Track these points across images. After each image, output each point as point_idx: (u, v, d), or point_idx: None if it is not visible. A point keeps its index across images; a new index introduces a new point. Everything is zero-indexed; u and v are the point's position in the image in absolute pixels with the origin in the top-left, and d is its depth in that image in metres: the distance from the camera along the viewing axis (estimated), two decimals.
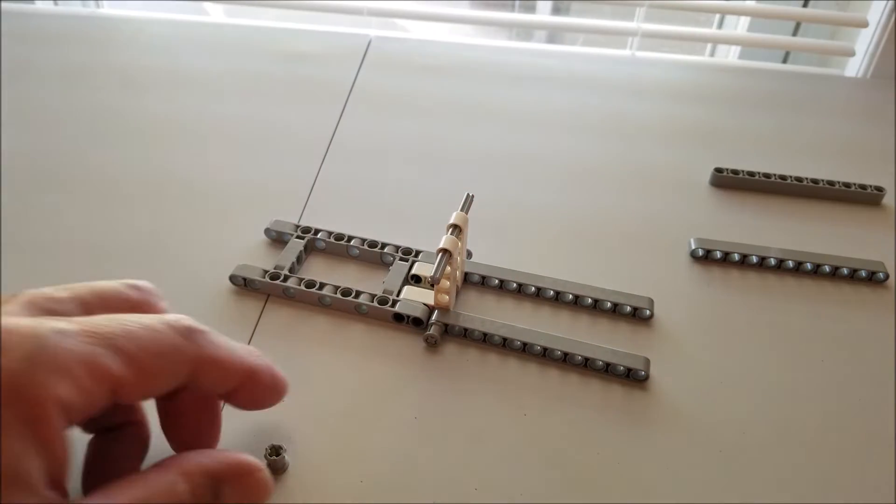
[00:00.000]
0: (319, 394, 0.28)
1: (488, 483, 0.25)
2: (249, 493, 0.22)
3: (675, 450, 0.27)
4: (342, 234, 0.35)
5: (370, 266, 0.35)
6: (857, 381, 0.30)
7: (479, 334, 0.31)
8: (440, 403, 0.28)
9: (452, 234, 0.30)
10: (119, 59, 0.52)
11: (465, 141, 0.45)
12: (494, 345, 0.31)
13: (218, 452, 0.23)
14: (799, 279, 0.35)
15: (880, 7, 0.55)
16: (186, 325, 0.21)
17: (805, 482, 0.26)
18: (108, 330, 0.20)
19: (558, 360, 0.30)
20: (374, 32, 0.57)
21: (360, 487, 0.25)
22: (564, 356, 0.30)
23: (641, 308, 0.32)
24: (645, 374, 0.29)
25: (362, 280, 0.34)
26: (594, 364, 0.30)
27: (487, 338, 0.31)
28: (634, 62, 0.57)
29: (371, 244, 0.35)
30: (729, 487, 0.26)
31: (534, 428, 0.27)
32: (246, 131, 0.44)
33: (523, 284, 0.33)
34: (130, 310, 0.23)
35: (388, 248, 0.35)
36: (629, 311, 0.32)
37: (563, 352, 0.30)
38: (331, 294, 0.32)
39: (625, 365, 0.29)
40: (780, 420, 0.28)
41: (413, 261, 0.34)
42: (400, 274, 0.33)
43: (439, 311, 0.31)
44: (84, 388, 0.19)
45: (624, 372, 0.29)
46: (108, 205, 0.38)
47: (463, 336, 0.31)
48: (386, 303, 0.32)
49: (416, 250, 0.34)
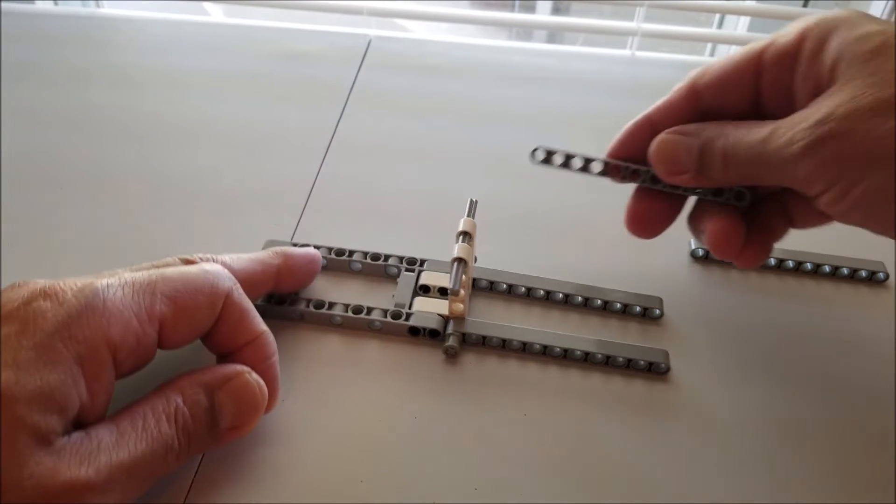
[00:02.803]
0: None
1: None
2: (240, 394, 0.24)
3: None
4: (342, 248, 0.34)
5: (374, 280, 0.34)
6: (857, 381, 0.30)
7: (497, 341, 0.30)
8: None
9: (464, 242, 0.29)
10: (119, 59, 0.52)
11: (466, 141, 0.45)
12: (514, 350, 0.31)
13: (211, 367, 0.25)
14: (799, 279, 0.35)
15: (880, 7, 0.55)
16: (218, 269, 0.25)
17: (804, 482, 0.26)
18: (149, 278, 0.23)
19: (579, 361, 0.30)
20: (374, 32, 0.56)
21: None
22: (585, 356, 0.30)
23: (652, 308, 0.32)
24: (666, 366, 0.30)
25: (368, 294, 0.33)
26: (615, 361, 0.30)
27: (507, 344, 0.30)
28: (634, 62, 0.57)
29: (374, 257, 0.34)
30: (729, 485, 0.26)
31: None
32: (245, 131, 0.44)
33: (532, 288, 0.33)
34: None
35: (392, 259, 0.34)
36: (639, 312, 0.33)
37: (583, 352, 0.30)
38: (341, 313, 0.31)
39: (646, 359, 0.30)
40: (780, 420, 0.29)
41: (419, 270, 0.33)
42: (408, 285, 0.33)
43: (454, 320, 0.31)
44: (132, 328, 0.22)
45: (645, 366, 0.30)
46: (108, 205, 0.38)
47: (481, 344, 0.31)
48: (399, 317, 0.31)
49: (421, 259, 0.34)
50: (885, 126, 0.23)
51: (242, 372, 0.24)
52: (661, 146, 0.28)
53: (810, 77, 0.26)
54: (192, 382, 0.23)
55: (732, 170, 0.27)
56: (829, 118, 0.23)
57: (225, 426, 0.24)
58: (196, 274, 0.24)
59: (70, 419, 0.20)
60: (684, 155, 0.28)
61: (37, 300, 0.21)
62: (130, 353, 0.22)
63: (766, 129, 0.26)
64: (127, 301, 0.22)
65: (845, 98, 0.24)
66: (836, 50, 0.25)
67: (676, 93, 0.29)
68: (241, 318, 0.25)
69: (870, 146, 0.23)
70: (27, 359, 0.19)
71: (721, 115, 0.28)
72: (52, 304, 0.21)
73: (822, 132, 0.23)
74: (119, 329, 0.21)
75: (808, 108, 0.25)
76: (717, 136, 0.27)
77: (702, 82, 0.29)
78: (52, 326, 0.20)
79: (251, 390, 0.24)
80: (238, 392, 0.24)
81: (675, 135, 0.28)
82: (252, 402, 0.24)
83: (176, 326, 0.23)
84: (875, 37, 0.24)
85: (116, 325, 0.21)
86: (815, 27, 0.26)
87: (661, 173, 0.29)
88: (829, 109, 0.24)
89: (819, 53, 0.25)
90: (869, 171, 0.23)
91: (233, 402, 0.24)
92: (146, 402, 0.22)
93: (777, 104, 0.27)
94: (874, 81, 0.23)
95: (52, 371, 0.20)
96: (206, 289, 0.24)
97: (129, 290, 0.22)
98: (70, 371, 0.20)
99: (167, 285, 0.23)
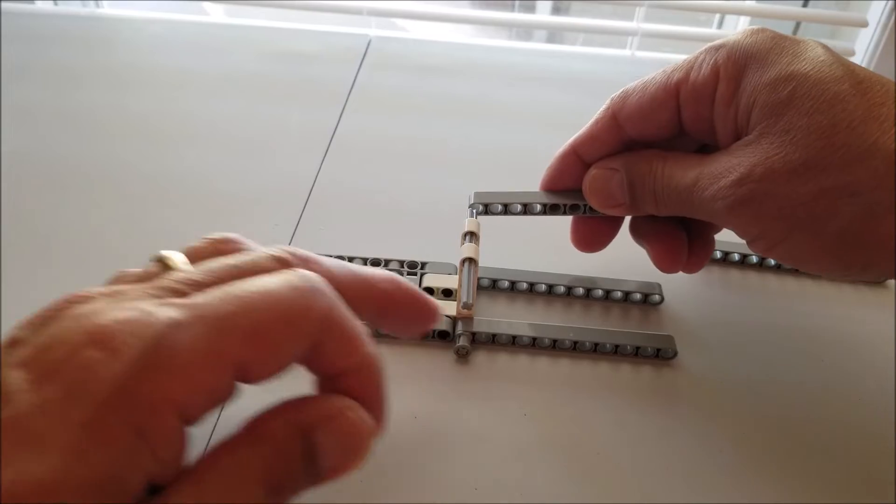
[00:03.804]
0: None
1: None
2: (345, 436, 0.19)
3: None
4: (342, 256, 0.33)
5: None
6: (857, 381, 0.30)
7: (507, 338, 0.30)
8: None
9: (471, 242, 0.29)
10: (119, 59, 0.52)
11: (465, 141, 0.45)
12: (523, 346, 0.31)
13: (308, 399, 0.20)
14: (799, 279, 0.35)
15: (880, 7, 0.55)
16: (312, 284, 0.19)
17: (804, 482, 0.26)
18: (223, 308, 0.18)
19: (588, 352, 0.30)
20: (374, 32, 0.56)
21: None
22: (595, 346, 0.30)
23: (652, 294, 0.33)
24: (673, 351, 0.30)
25: None
26: (624, 350, 0.30)
27: (517, 340, 0.30)
28: (634, 62, 0.57)
29: (374, 262, 0.34)
30: (732, 484, 0.26)
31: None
32: (245, 131, 0.44)
33: (535, 283, 0.33)
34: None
35: (393, 263, 0.34)
36: (640, 299, 0.33)
37: (592, 343, 0.30)
38: None
39: (653, 346, 0.30)
40: (780, 420, 0.28)
41: (421, 273, 0.33)
42: None
43: (463, 320, 0.31)
44: (202, 382, 0.17)
45: (653, 353, 0.30)
46: (108, 205, 0.38)
47: (491, 342, 0.31)
48: None
49: (422, 262, 0.34)
50: (803, 189, 0.23)
51: (346, 409, 0.20)
52: (593, 183, 0.30)
53: (728, 119, 0.26)
54: (286, 424, 0.19)
55: (664, 207, 0.28)
56: (747, 179, 0.24)
57: (325, 468, 0.19)
58: (285, 295, 0.19)
59: (136, 495, 0.17)
60: (616, 189, 0.29)
61: (87, 349, 0.16)
62: (201, 407, 0.18)
63: (692, 175, 0.26)
64: (198, 347, 0.17)
65: (761, 157, 0.24)
66: (748, 97, 0.25)
67: (599, 123, 0.30)
68: (341, 342, 0.20)
69: (790, 210, 0.23)
70: (77, 439, 0.15)
71: (645, 142, 0.29)
72: (104, 356, 0.16)
73: (742, 193, 0.24)
74: (188, 387, 0.17)
75: (728, 157, 0.25)
76: (646, 173, 0.28)
77: (622, 114, 0.29)
78: (106, 391, 0.16)
79: (356, 430, 0.20)
80: (341, 434, 0.20)
81: (605, 170, 0.29)
82: (357, 442, 0.20)
83: (260, 367, 0.19)
84: (785, 84, 0.24)
85: (184, 383, 0.17)
86: (728, 63, 0.26)
87: (596, 206, 0.30)
88: (746, 169, 0.24)
89: (732, 97, 0.25)
90: (791, 232, 0.24)
91: (336, 444, 0.19)
92: (234, 456, 0.18)
93: (700, 132, 0.28)
94: (789, 140, 0.23)
95: (108, 451, 0.16)
96: (296, 315, 0.19)
97: (201, 329, 0.17)
98: (130, 447, 0.16)
99: (249, 319, 0.18)
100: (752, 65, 0.25)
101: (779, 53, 0.25)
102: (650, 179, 0.28)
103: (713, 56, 0.26)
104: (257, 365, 0.18)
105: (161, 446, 0.17)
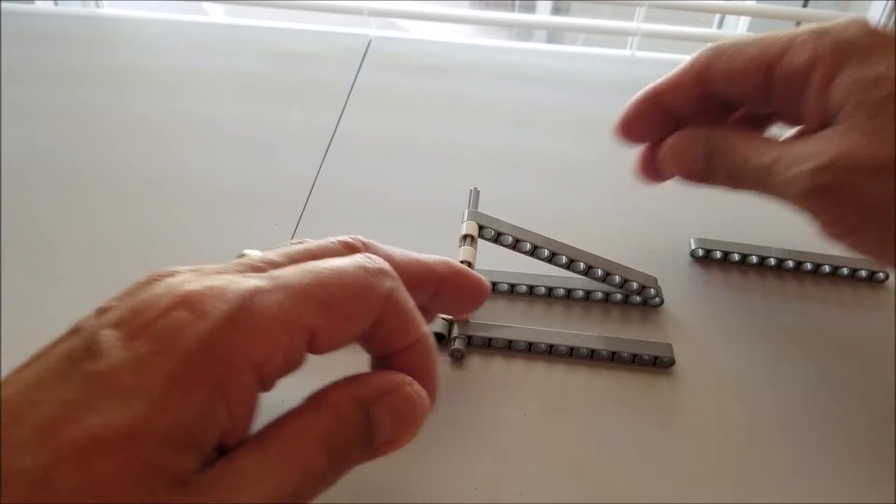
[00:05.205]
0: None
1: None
2: (400, 409, 0.21)
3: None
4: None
5: None
6: (857, 381, 0.30)
7: (503, 342, 0.30)
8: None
9: (469, 245, 0.29)
10: (119, 59, 0.52)
11: (465, 141, 0.45)
12: (519, 351, 0.30)
13: (366, 376, 0.22)
14: (799, 279, 0.35)
15: (880, 7, 0.55)
16: (379, 266, 0.21)
17: (804, 481, 0.26)
18: (302, 281, 0.20)
19: (585, 358, 0.30)
20: (374, 32, 0.56)
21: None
22: (591, 353, 0.30)
23: (648, 287, 0.33)
24: (670, 359, 0.30)
25: None
26: (621, 357, 0.30)
27: (513, 345, 0.30)
28: (634, 62, 0.57)
29: None
30: (730, 484, 0.26)
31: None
32: (245, 131, 0.44)
33: (534, 286, 0.33)
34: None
35: None
36: (639, 301, 0.33)
37: (589, 349, 0.30)
38: None
39: (650, 353, 0.30)
40: (779, 420, 0.28)
41: None
42: None
43: (459, 323, 0.31)
44: (279, 345, 0.19)
45: (650, 360, 0.30)
46: (108, 205, 0.38)
47: (487, 346, 0.30)
48: None
49: None
50: (885, 188, 0.24)
51: (402, 384, 0.22)
52: (674, 149, 0.31)
53: (818, 108, 0.26)
54: (348, 398, 0.20)
55: (736, 182, 0.29)
56: (830, 167, 0.24)
57: (381, 441, 0.21)
58: (355, 273, 0.21)
59: (209, 450, 0.18)
60: (694, 158, 0.30)
61: (176, 310, 0.18)
62: (277, 369, 0.19)
63: (771, 156, 0.27)
64: (277, 312, 0.19)
65: (847, 149, 0.24)
66: (844, 89, 0.25)
67: (686, 72, 0.30)
68: (401, 321, 0.22)
69: (867, 204, 0.24)
70: (162, 389, 0.17)
71: (728, 101, 0.30)
72: (192, 316, 0.18)
73: (822, 181, 0.25)
74: (267, 347, 0.19)
75: (812, 143, 0.26)
76: (725, 148, 0.29)
77: (710, 71, 0.29)
78: (192, 347, 0.17)
79: (411, 404, 0.21)
80: (398, 407, 0.21)
81: (687, 139, 0.31)
82: (413, 415, 0.21)
83: (329, 336, 0.20)
84: (885, 84, 0.24)
85: (264, 343, 0.18)
86: (828, 53, 0.26)
87: (671, 170, 0.31)
88: (830, 157, 0.25)
89: (828, 87, 0.26)
90: (864, 225, 0.25)
91: (391, 418, 0.21)
92: (297, 423, 0.20)
93: (785, 110, 0.29)
94: (878, 139, 0.24)
95: (189, 402, 0.17)
96: (364, 291, 0.21)
97: (281, 297, 0.19)
98: (209, 399, 0.17)
99: (323, 291, 0.20)
100: (853, 58, 0.26)
101: (881, 53, 0.26)
102: (729, 154, 0.29)
103: (815, 42, 0.27)
104: (327, 333, 0.20)
105: (236, 402, 0.18)
